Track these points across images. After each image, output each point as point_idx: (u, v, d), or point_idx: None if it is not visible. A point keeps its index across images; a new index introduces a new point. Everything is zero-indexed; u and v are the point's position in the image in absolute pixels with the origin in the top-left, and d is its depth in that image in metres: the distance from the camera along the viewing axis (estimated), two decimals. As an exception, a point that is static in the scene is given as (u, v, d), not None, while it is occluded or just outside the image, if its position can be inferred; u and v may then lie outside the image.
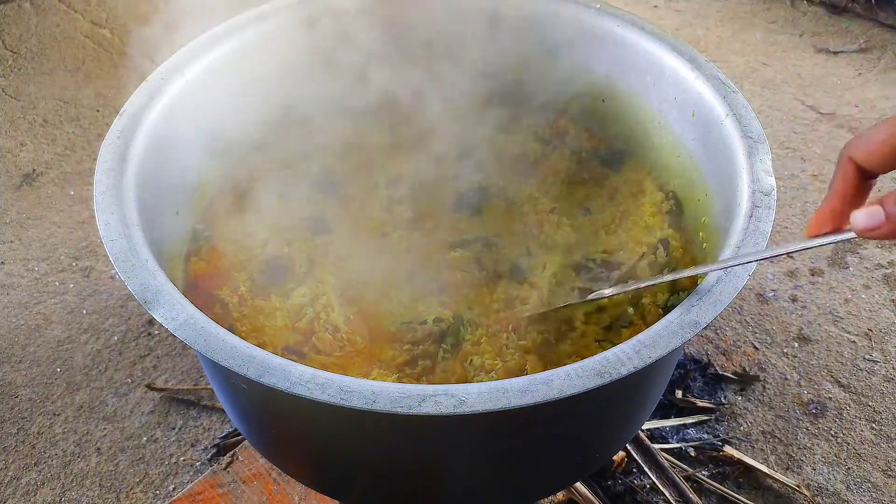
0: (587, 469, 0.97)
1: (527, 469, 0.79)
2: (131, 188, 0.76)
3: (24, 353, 1.41)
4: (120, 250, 0.69)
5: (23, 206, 1.71)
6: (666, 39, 0.91)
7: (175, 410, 1.31)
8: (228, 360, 0.61)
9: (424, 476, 0.79)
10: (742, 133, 0.79)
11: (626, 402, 0.80)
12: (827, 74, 2.05)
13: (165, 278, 0.68)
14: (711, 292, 0.65)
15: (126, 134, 0.80)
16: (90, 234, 1.63)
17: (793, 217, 1.65)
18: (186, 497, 1.08)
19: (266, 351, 0.62)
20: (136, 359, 1.40)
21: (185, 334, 0.63)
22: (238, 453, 1.12)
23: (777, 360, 1.38)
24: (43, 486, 1.22)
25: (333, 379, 0.60)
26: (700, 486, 1.20)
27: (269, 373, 0.60)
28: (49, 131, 1.90)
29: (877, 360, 1.37)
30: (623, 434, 0.88)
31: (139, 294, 0.66)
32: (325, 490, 0.92)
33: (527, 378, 0.60)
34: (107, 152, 0.78)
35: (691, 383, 1.33)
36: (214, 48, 0.93)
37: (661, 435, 1.26)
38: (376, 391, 0.59)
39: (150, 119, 0.83)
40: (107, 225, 0.71)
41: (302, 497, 1.06)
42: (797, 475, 1.22)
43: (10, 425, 1.30)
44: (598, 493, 1.15)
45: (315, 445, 0.81)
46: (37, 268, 1.57)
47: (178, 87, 0.88)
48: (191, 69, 0.90)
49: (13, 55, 2.14)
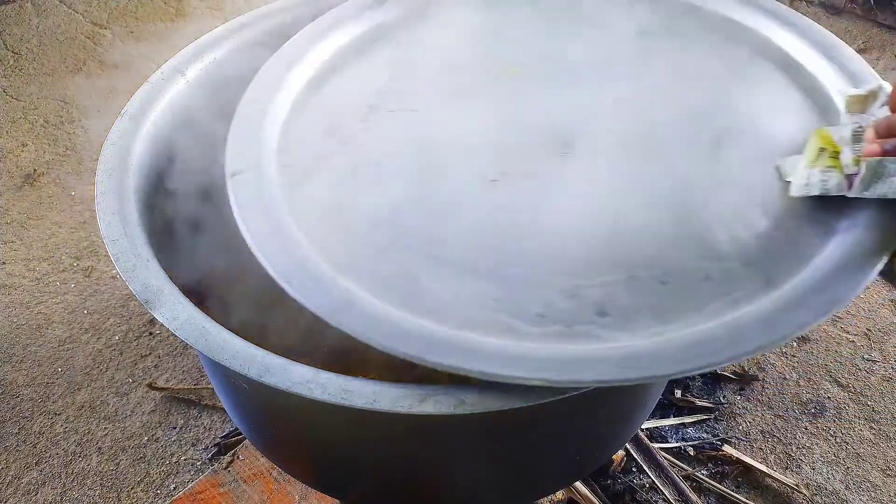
0: (587, 468, 0.97)
1: (527, 468, 0.79)
2: (132, 188, 0.76)
3: (26, 353, 1.41)
4: (121, 250, 0.70)
5: (24, 206, 1.71)
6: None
7: (176, 410, 1.32)
8: (229, 360, 0.61)
9: (424, 475, 0.80)
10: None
11: (625, 401, 0.81)
12: (826, 74, 2.05)
13: (166, 278, 0.68)
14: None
15: (127, 135, 0.81)
16: (91, 234, 1.63)
17: (792, 217, 1.65)
18: (187, 496, 1.08)
19: (266, 351, 0.62)
20: (138, 358, 1.40)
21: (186, 334, 0.63)
22: (239, 452, 1.12)
23: (776, 360, 1.38)
24: (44, 485, 1.23)
25: (334, 379, 0.60)
26: (699, 485, 1.20)
27: (269, 372, 0.60)
28: (50, 132, 1.90)
29: (876, 359, 1.38)
30: (622, 433, 0.88)
31: (140, 294, 0.66)
32: (325, 489, 0.92)
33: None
34: (108, 153, 0.79)
35: (690, 382, 1.34)
36: (215, 48, 0.93)
37: (661, 434, 1.27)
38: (377, 391, 0.59)
39: (151, 119, 0.83)
40: (108, 225, 0.72)
41: (302, 496, 1.06)
42: (796, 474, 1.22)
43: (11, 425, 1.30)
44: (597, 492, 1.15)
45: (315, 445, 0.81)
46: (38, 268, 1.57)
47: (179, 87, 0.88)
48: (192, 70, 0.90)
49: (14, 56, 2.14)
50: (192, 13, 2.30)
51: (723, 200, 0.72)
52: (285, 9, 1.00)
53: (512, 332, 0.62)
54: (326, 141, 0.81)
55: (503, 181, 0.75)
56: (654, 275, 0.66)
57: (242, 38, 0.96)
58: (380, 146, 0.80)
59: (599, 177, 0.76)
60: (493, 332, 0.62)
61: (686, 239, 0.69)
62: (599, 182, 0.75)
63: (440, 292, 0.66)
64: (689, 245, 0.69)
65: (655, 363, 0.58)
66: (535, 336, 0.62)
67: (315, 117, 0.84)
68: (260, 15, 0.99)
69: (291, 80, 0.86)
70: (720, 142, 0.79)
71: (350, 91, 0.87)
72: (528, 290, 0.66)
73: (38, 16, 2.28)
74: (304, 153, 0.79)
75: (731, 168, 0.76)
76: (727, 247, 0.68)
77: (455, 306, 0.64)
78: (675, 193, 0.74)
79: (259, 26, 0.98)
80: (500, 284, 0.66)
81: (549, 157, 0.78)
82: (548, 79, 0.88)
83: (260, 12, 0.99)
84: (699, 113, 0.82)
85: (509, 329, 0.62)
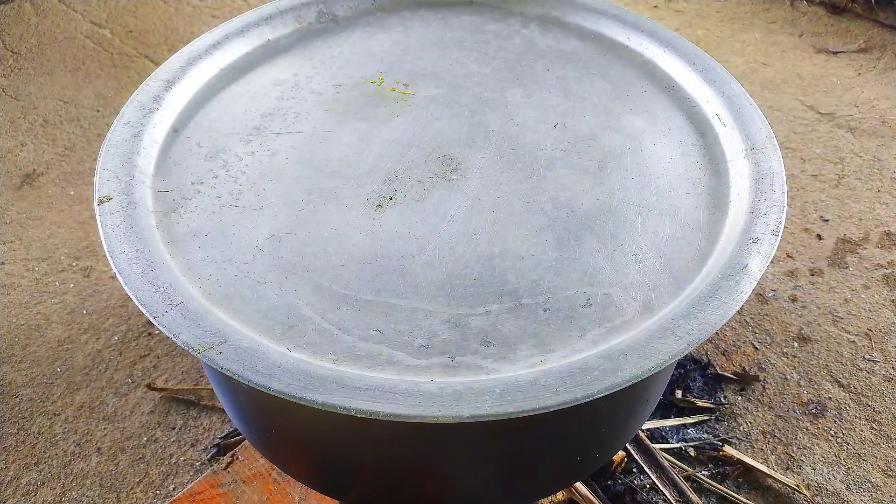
0: (587, 469, 0.97)
1: (527, 469, 0.79)
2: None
3: (25, 353, 1.41)
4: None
5: (23, 206, 1.71)
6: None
7: (175, 410, 1.32)
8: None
9: (424, 476, 0.79)
10: None
11: (626, 402, 0.81)
12: (827, 74, 2.05)
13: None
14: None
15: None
16: (90, 234, 1.63)
17: (793, 217, 1.65)
18: (186, 497, 1.08)
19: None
20: (137, 359, 1.40)
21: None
22: (238, 453, 1.12)
23: (777, 360, 1.38)
24: (43, 485, 1.22)
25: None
26: (700, 485, 1.20)
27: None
28: (49, 131, 1.90)
29: (877, 360, 1.37)
30: (623, 434, 0.88)
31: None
32: (324, 490, 0.92)
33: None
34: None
35: (691, 383, 1.33)
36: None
37: (661, 435, 1.27)
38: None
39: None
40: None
41: (302, 497, 1.06)
42: (797, 475, 1.22)
43: (10, 425, 1.30)
44: (598, 492, 1.15)
45: (315, 445, 0.81)
46: (37, 268, 1.57)
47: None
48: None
49: (13, 55, 2.14)
50: (191, 13, 2.30)
51: (605, 225, 0.74)
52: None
53: (394, 365, 0.62)
54: (207, 165, 0.79)
55: (389, 206, 0.75)
56: (538, 301, 0.67)
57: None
58: (263, 170, 0.79)
59: (486, 201, 0.77)
60: (375, 366, 0.62)
61: (568, 263, 0.70)
62: (485, 207, 0.76)
63: (321, 323, 0.65)
64: (571, 270, 0.70)
65: (534, 396, 0.58)
66: (418, 369, 0.62)
67: (196, 140, 0.82)
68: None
69: (171, 101, 0.85)
70: (604, 164, 0.80)
71: (234, 112, 0.86)
72: (412, 321, 0.66)
73: (38, 15, 2.27)
74: (183, 178, 0.78)
75: (614, 192, 0.78)
76: (608, 273, 0.70)
77: (336, 338, 0.64)
78: (559, 217, 0.75)
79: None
80: (383, 315, 0.66)
81: (436, 181, 0.78)
82: (438, 101, 0.88)
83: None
84: (586, 136, 0.84)
85: (391, 362, 0.62)
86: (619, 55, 0.95)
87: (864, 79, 2.02)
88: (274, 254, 0.71)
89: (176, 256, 0.69)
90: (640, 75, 0.92)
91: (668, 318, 0.64)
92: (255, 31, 0.95)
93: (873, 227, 1.62)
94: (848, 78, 2.03)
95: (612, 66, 0.94)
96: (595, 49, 0.96)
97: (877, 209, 1.67)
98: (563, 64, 0.94)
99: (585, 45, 0.97)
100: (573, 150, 0.82)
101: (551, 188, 0.78)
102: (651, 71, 0.93)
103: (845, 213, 1.66)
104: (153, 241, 0.70)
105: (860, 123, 1.89)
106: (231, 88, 0.89)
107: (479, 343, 0.64)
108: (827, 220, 1.64)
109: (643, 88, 0.90)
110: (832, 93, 1.99)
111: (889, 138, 1.85)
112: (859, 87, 2.00)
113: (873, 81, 2.01)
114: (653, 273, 0.70)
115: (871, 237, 1.60)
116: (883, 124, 1.88)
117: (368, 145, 0.82)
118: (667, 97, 0.89)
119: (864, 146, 1.83)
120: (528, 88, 0.90)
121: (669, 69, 0.92)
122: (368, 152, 0.81)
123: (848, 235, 1.61)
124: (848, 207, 1.67)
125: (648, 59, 0.94)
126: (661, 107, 0.88)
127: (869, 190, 1.71)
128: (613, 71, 0.93)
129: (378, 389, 0.58)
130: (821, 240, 1.60)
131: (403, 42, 0.96)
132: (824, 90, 2.00)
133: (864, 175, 1.75)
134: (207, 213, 0.74)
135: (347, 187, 0.77)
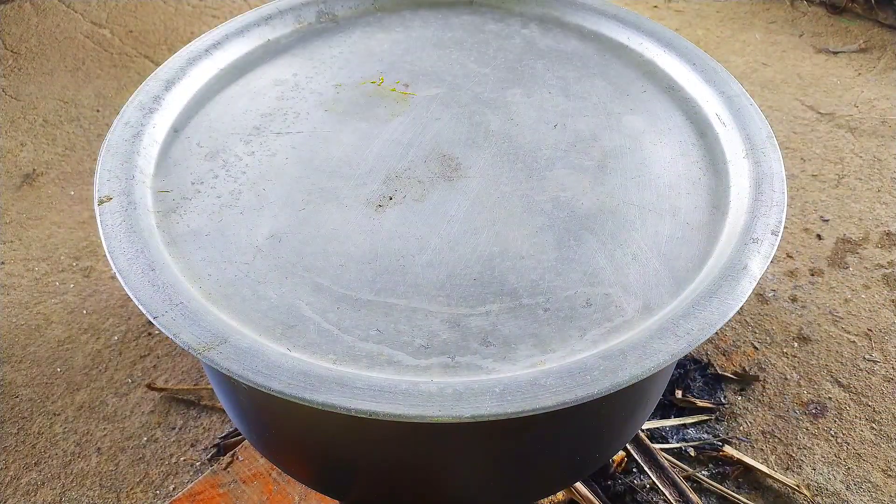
0: (587, 469, 0.97)
1: (527, 469, 0.79)
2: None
3: (25, 353, 1.41)
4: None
5: (23, 206, 1.71)
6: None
7: (175, 410, 1.32)
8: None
9: (424, 476, 0.79)
10: None
11: (626, 402, 0.80)
12: (827, 74, 2.05)
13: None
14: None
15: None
16: (90, 234, 1.63)
17: (793, 217, 1.65)
18: (186, 497, 1.08)
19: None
20: (137, 359, 1.40)
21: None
22: (238, 453, 1.12)
23: (777, 360, 1.38)
24: (43, 485, 1.22)
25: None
26: (700, 485, 1.20)
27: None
28: (49, 131, 1.90)
29: (877, 360, 1.37)
30: (623, 434, 0.88)
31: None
32: (324, 490, 0.92)
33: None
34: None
35: (691, 383, 1.33)
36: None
37: (661, 435, 1.27)
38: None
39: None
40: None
41: (302, 497, 1.06)
42: (797, 475, 1.22)
43: (10, 425, 1.30)
44: (598, 492, 1.15)
45: (315, 445, 0.81)
46: (37, 268, 1.57)
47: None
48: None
49: (13, 55, 2.14)
50: (191, 13, 2.30)
51: (604, 225, 0.74)
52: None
53: (394, 365, 0.62)
54: (207, 165, 0.79)
55: (389, 206, 0.75)
56: (538, 301, 0.67)
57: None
58: (263, 170, 0.79)
59: (486, 201, 0.77)
60: (375, 366, 0.62)
61: (568, 263, 0.70)
62: (485, 207, 0.76)
63: (321, 323, 0.65)
64: (571, 270, 0.70)
65: (534, 396, 0.58)
66: (418, 369, 0.62)
67: (196, 140, 0.82)
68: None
69: (171, 101, 0.85)
70: (605, 164, 0.80)
71: (234, 112, 0.86)
72: (412, 321, 0.66)
73: (38, 15, 2.27)
74: (183, 178, 0.78)
75: (614, 192, 0.78)
76: (608, 273, 0.70)
77: (336, 338, 0.64)
78: (559, 217, 0.75)
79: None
80: (383, 315, 0.66)
81: (436, 181, 0.78)
82: (438, 101, 0.89)
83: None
84: (586, 136, 0.84)
85: (391, 362, 0.62)
86: (619, 55, 0.95)
87: (864, 79, 2.02)
88: (274, 254, 0.71)
89: (176, 256, 0.69)
90: (640, 75, 0.92)
91: (668, 318, 0.64)
92: (255, 31, 0.95)
93: (873, 227, 1.62)
94: (848, 78, 2.03)
95: (612, 66, 0.94)
96: (595, 49, 0.96)
97: (877, 209, 1.67)
98: (562, 64, 0.94)
99: (585, 45, 0.97)
100: (573, 151, 0.82)
101: (551, 188, 0.78)
102: (651, 71, 0.93)
103: (845, 213, 1.66)
104: (153, 241, 0.70)
105: (860, 123, 1.89)
106: (231, 88, 0.89)
107: (479, 343, 0.64)
108: (827, 220, 1.64)
109: (643, 88, 0.90)
110: (832, 93, 1.99)
111: (889, 138, 1.85)
112: (859, 87, 2.00)
113: (873, 81, 2.01)
114: (653, 273, 0.70)
115: (871, 237, 1.60)
116: (883, 124, 1.88)
117: (368, 145, 0.82)
118: (667, 97, 0.89)
119: (864, 146, 1.83)
120: (528, 88, 0.90)
121: (669, 69, 0.92)
122: (368, 152, 0.81)
123: (848, 235, 1.61)
124: (848, 207, 1.67)
125: (648, 59, 0.94)
126: (661, 107, 0.88)
127: (869, 190, 1.71)
128: (613, 71, 0.93)
129: (378, 389, 0.58)
130: (821, 240, 1.60)
131: (403, 42, 0.96)
132: (824, 90, 2.00)
133: (864, 175, 1.75)
134: (207, 213, 0.74)
135: (347, 187, 0.77)
